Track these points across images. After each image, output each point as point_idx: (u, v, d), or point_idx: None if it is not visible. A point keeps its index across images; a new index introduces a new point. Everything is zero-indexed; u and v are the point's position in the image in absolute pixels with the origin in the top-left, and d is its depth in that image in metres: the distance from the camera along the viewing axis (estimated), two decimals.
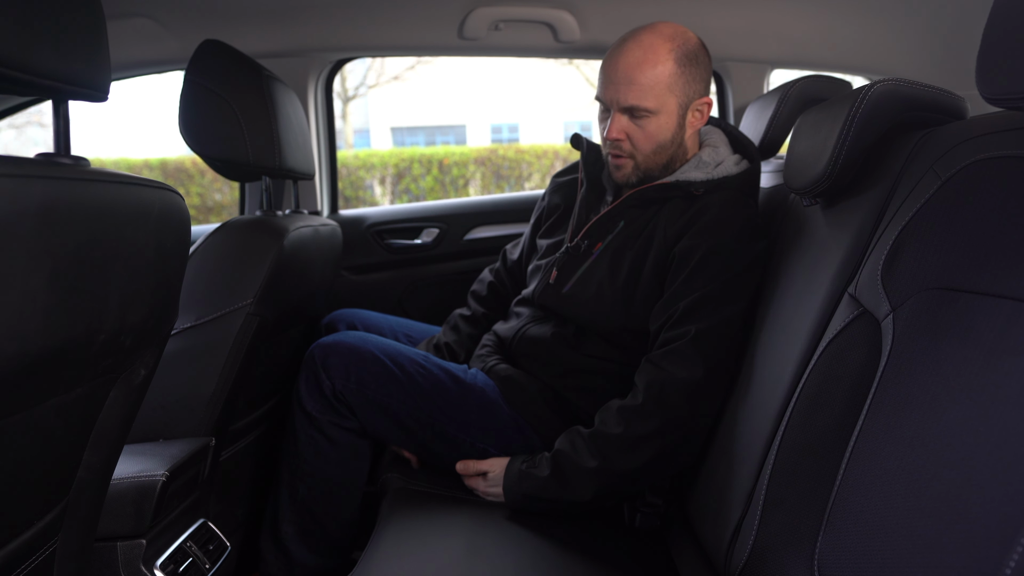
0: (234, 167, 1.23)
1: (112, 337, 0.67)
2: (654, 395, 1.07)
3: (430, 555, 0.97)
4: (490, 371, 1.30)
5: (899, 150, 0.87)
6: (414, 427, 1.20)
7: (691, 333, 1.07)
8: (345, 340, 1.22)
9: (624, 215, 1.25)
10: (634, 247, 1.21)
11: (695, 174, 1.21)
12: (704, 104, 1.22)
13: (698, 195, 1.19)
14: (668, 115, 1.18)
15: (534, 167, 8.48)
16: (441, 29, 1.78)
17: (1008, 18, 0.61)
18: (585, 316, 1.23)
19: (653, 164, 1.22)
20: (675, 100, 1.18)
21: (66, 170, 0.58)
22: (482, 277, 1.63)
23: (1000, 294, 0.59)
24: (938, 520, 0.55)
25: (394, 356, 1.22)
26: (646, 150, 1.20)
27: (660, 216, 1.21)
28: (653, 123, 1.18)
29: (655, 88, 1.15)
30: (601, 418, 1.11)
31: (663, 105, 1.17)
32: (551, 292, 1.28)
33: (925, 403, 0.62)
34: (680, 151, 1.24)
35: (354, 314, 1.55)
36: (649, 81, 1.15)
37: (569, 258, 1.29)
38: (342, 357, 1.19)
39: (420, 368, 1.22)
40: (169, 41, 1.67)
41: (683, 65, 1.17)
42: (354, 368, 1.18)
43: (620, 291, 1.19)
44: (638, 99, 1.16)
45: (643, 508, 1.15)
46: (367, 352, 1.20)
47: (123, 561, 0.93)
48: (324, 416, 1.19)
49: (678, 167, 1.25)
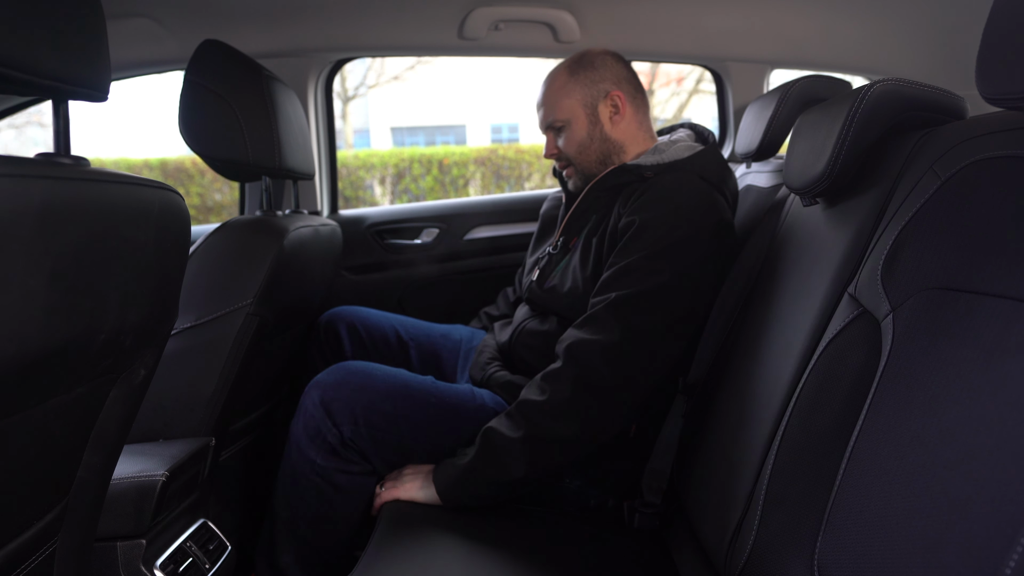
0: (234, 167, 1.23)
1: (112, 337, 0.67)
2: (570, 358, 1.08)
3: (430, 556, 0.97)
4: (490, 379, 1.31)
5: (899, 150, 0.87)
6: (427, 460, 1.18)
7: (610, 299, 1.09)
8: (348, 381, 1.16)
9: (592, 208, 1.32)
10: (598, 232, 1.26)
11: (648, 159, 1.27)
12: (615, 97, 1.32)
13: (649, 177, 1.23)
14: (577, 119, 1.33)
15: (534, 167, 8.48)
16: (441, 29, 1.78)
17: (1008, 18, 0.61)
18: (566, 307, 1.26)
19: (586, 162, 1.35)
20: (577, 104, 1.32)
21: (66, 170, 0.58)
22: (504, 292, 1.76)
23: (1000, 294, 0.59)
24: (938, 520, 0.55)
25: (402, 390, 1.17)
26: (573, 153, 1.34)
27: (617, 201, 1.26)
28: (569, 131, 1.34)
29: (557, 101, 1.33)
30: (526, 390, 1.11)
31: (570, 112, 1.32)
32: (534, 289, 1.36)
33: (925, 403, 0.62)
34: (611, 146, 1.33)
35: (353, 312, 1.56)
36: (550, 98, 1.34)
37: (550, 257, 1.38)
38: (347, 402, 1.13)
39: (431, 397, 1.19)
40: (169, 41, 1.67)
41: (574, 72, 1.32)
42: (362, 412, 1.13)
43: (590, 277, 1.23)
44: (549, 115, 1.34)
45: (642, 508, 1.16)
46: (373, 392, 1.15)
47: (123, 561, 0.93)
48: (329, 463, 1.13)
49: (623, 159, 1.33)
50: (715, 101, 2.12)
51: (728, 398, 1.06)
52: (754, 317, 1.08)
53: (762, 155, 1.37)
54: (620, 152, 1.34)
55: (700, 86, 8.93)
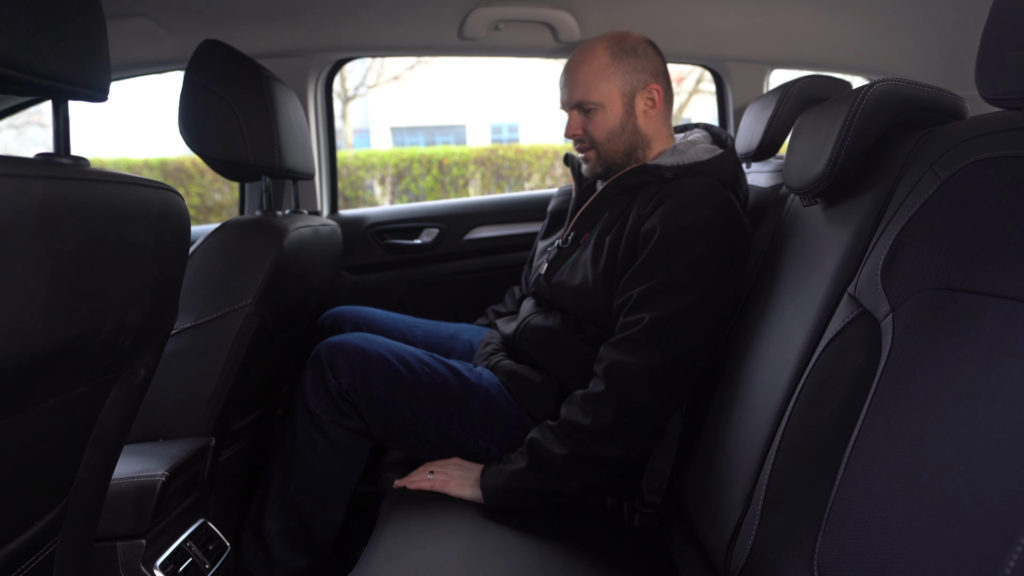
0: (234, 167, 1.23)
1: (112, 337, 0.67)
2: (614, 382, 1.08)
3: (430, 555, 0.97)
4: (495, 367, 1.31)
5: (899, 150, 0.87)
6: (419, 426, 1.21)
7: (645, 321, 1.09)
8: (352, 340, 1.22)
9: (607, 205, 1.31)
10: (612, 231, 1.25)
11: (668, 160, 1.26)
12: (654, 91, 1.29)
13: (670, 179, 1.23)
14: (612, 105, 1.28)
15: (534, 167, 8.48)
16: (441, 29, 1.78)
17: (1008, 18, 0.61)
18: (573, 302, 1.27)
19: (612, 152, 1.31)
20: (616, 90, 1.27)
21: (66, 170, 0.58)
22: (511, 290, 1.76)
23: (1000, 294, 0.59)
24: (938, 520, 0.55)
25: (400, 355, 1.22)
26: (600, 139, 1.30)
27: (636, 200, 1.25)
28: (600, 114, 1.28)
29: (594, 82, 1.27)
30: (567, 408, 1.13)
31: (605, 96, 1.27)
32: (542, 282, 1.35)
33: (925, 403, 0.62)
34: (639, 139, 1.31)
35: (356, 311, 1.55)
36: (586, 77, 1.27)
37: (559, 251, 1.36)
38: (348, 356, 1.19)
39: (426, 367, 1.23)
40: (169, 41, 1.67)
41: (618, 57, 1.27)
42: (360, 367, 1.18)
43: (601, 275, 1.22)
44: (581, 94, 1.28)
45: (642, 508, 1.16)
46: (373, 352, 1.20)
47: (123, 561, 0.93)
48: (327, 415, 1.19)
49: (647, 156, 1.31)
50: (715, 101, 2.12)
51: (728, 398, 1.06)
52: (754, 317, 1.08)
53: (762, 155, 1.37)
54: (646, 147, 1.31)
55: (700, 86, 8.92)
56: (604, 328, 1.23)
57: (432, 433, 1.21)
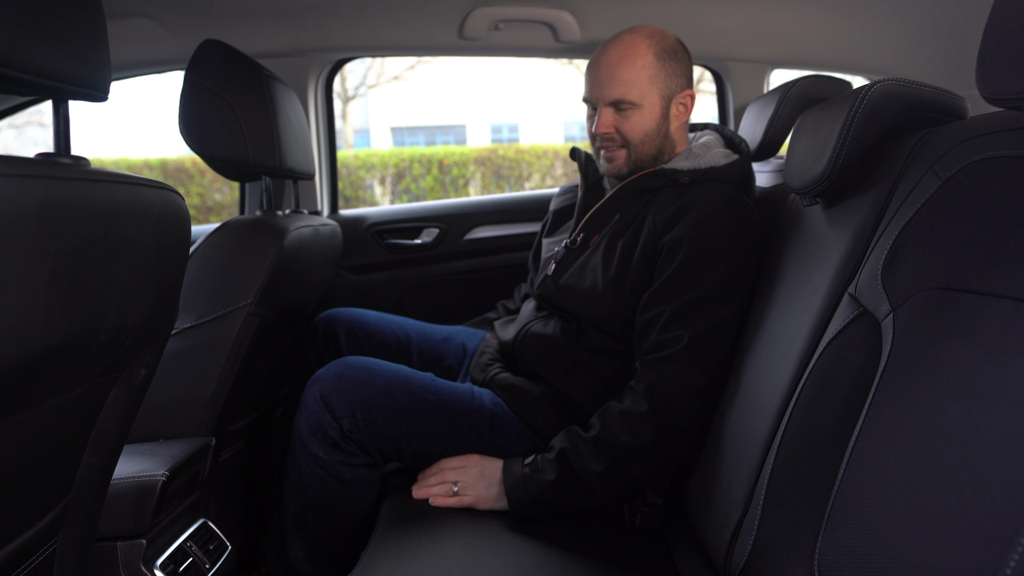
0: (234, 167, 1.23)
1: (112, 337, 0.67)
2: (659, 403, 1.07)
3: (430, 556, 0.97)
4: (491, 381, 1.29)
5: (899, 150, 0.87)
6: (424, 455, 1.18)
7: (685, 339, 1.08)
8: (348, 373, 1.16)
9: (618, 207, 1.29)
10: (625, 235, 1.23)
11: (683, 163, 1.25)
12: (687, 97, 1.28)
13: (686, 184, 1.22)
14: (651, 107, 1.24)
15: (534, 167, 8.48)
16: (441, 29, 1.78)
17: (1008, 18, 0.61)
18: (580, 306, 1.24)
19: (643, 154, 1.27)
20: (657, 92, 1.24)
21: (66, 170, 0.58)
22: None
23: (1000, 294, 0.59)
24: (938, 520, 0.55)
25: (401, 385, 1.18)
26: (635, 140, 1.26)
27: (651, 205, 1.23)
28: (637, 115, 1.24)
29: (637, 82, 1.22)
30: (604, 422, 1.10)
31: (645, 97, 1.23)
32: (549, 284, 1.32)
33: (925, 403, 0.62)
34: (667, 143, 1.29)
35: (351, 315, 1.52)
36: (631, 75, 1.22)
37: (567, 252, 1.34)
38: (346, 396, 1.13)
39: (428, 395, 1.19)
40: (169, 41, 1.67)
41: (662, 59, 1.23)
42: (359, 405, 1.13)
43: (612, 279, 1.21)
44: (622, 93, 1.23)
45: (643, 508, 1.15)
46: (372, 387, 1.16)
47: (123, 561, 0.93)
48: (331, 457, 1.14)
49: (667, 160, 1.29)
50: (715, 101, 2.12)
51: (728, 398, 1.06)
52: (754, 317, 1.08)
53: (762, 155, 1.37)
54: (671, 153, 1.30)
55: (700, 86, 8.92)
56: (608, 334, 1.22)
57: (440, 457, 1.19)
